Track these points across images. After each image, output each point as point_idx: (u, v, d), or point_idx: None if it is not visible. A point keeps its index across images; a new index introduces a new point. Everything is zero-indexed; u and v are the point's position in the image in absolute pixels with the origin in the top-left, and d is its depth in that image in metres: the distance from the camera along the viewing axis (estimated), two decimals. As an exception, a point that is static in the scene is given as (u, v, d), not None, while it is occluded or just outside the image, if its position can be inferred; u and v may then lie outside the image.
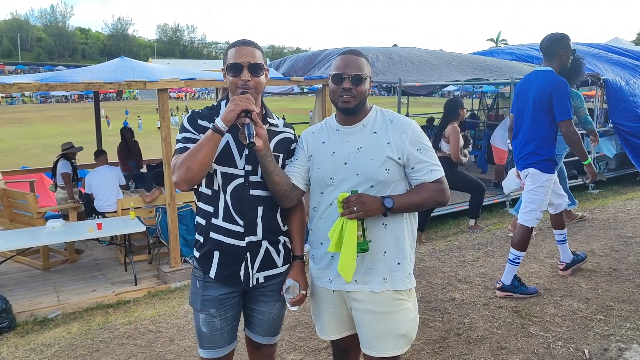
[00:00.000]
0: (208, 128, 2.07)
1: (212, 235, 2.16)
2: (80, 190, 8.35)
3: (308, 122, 16.01)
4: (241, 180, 2.14)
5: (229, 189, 2.14)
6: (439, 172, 2.12)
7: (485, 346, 3.39)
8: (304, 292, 2.22)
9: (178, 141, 2.15)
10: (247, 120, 1.99)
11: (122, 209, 7.02)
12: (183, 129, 2.15)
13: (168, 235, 6.46)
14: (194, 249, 2.25)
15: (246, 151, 2.13)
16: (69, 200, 7.65)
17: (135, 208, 6.83)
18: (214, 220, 2.16)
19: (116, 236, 6.83)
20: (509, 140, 6.07)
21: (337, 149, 2.15)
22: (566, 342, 3.39)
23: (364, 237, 2.03)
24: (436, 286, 4.42)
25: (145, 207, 7.12)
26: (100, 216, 7.36)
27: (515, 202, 9.21)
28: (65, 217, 7.49)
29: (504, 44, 68.30)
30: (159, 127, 33.55)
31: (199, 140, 2.04)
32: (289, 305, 2.23)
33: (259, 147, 2.02)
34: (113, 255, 7.34)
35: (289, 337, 3.68)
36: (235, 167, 2.13)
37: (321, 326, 2.34)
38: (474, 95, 17.13)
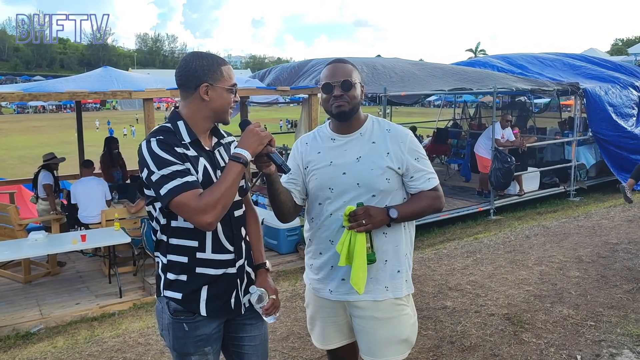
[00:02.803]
0: (188, 155, 1.89)
1: (200, 270, 1.95)
2: (62, 202, 8.20)
3: (292, 132, 16.03)
4: None
5: None
6: (435, 180, 2.15)
7: (478, 354, 3.39)
8: (273, 297, 2.10)
9: (165, 177, 1.81)
10: (273, 149, 1.92)
11: (107, 220, 6.91)
12: (165, 162, 1.82)
13: (153, 247, 6.36)
14: (169, 291, 1.97)
15: (219, 172, 1.96)
16: (51, 212, 7.50)
17: (119, 219, 6.73)
18: (200, 255, 1.95)
19: (100, 248, 6.71)
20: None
21: (335, 159, 2.13)
22: (558, 348, 3.41)
23: (372, 248, 2.04)
24: (427, 294, 4.42)
25: (130, 218, 7.02)
26: (83, 227, 7.23)
27: (500, 209, 9.32)
28: (47, 229, 7.34)
29: (483, 54, 69.29)
30: (125, 135, 34.50)
31: (189, 169, 1.85)
32: (265, 318, 2.11)
33: (272, 170, 1.96)
34: (96, 267, 7.20)
35: (282, 347, 3.64)
36: None
37: (319, 335, 2.32)
38: (455, 105, 17.31)
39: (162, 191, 1.82)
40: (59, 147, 19.51)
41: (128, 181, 9.24)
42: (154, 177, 1.83)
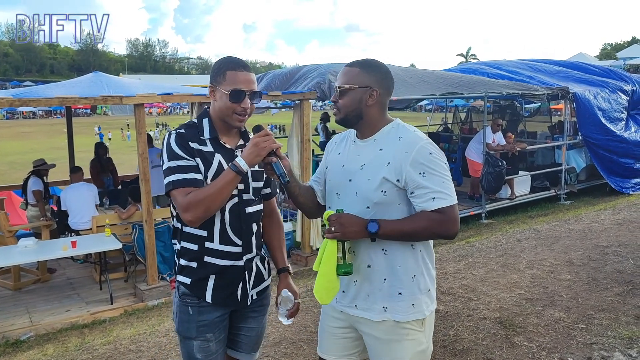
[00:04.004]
0: (202, 151, 2.02)
1: (208, 259, 2.08)
2: (52, 208, 8.14)
3: (283, 137, 15.98)
4: (236, 200, 2.09)
5: (226, 210, 2.07)
6: (443, 201, 1.86)
7: (471, 358, 3.39)
8: (298, 301, 2.21)
9: (171, 169, 1.99)
10: (275, 159, 1.95)
11: (98, 226, 6.87)
12: (174, 155, 1.99)
13: (145, 252, 6.34)
14: (181, 275, 2.12)
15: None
16: (41, 218, 7.44)
17: (111, 225, 6.69)
18: (208, 245, 2.07)
19: (90, 254, 6.67)
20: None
21: (347, 163, 2.04)
22: (550, 351, 3.42)
23: (344, 259, 1.91)
24: (419, 299, 4.42)
25: (121, 224, 6.98)
26: (73, 234, 7.18)
27: (491, 213, 9.37)
28: (37, 235, 7.29)
29: (474, 59, 69.69)
30: (110, 139, 35.25)
31: (195, 165, 1.98)
32: (284, 320, 2.20)
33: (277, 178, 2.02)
34: (87, 273, 7.16)
35: (274, 353, 3.63)
36: None
37: (321, 343, 2.25)
38: (446, 109, 17.39)
39: (165, 182, 2.00)
40: (49, 153, 19.39)
41: (119, 187, 9.20)
42: (164, 167, 2.02)
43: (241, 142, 2.16)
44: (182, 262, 2.11)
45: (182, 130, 2.05)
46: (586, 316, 3.91)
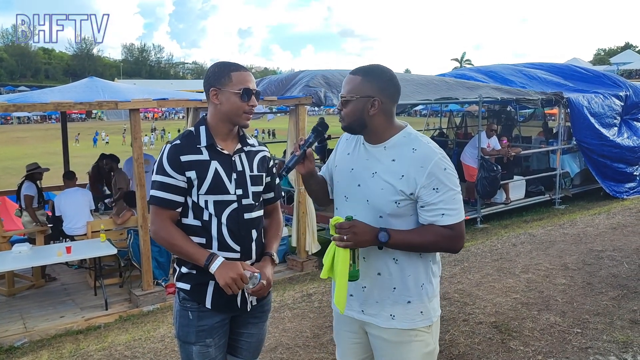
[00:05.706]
0: (197, 161, 2.05)
1: None
2: (47, 214, 8.10)
3: (277, 142, 16.04)
4: (235, 205, 2.11)
5: (224, 216, 2.09)
6: (453, 218, 1.88)
7: (467, 362, 3.40)
8: (264, 282, 2.11)
9: (155, 182, 2.07)
10: (298, 152, 2.02)
11: (93, 232, 6.84)
12: (162, 171, 2.06)
13: (140, 258, 6.31)
14: (180, 282, 2.15)
15: (234, 175, 2.12)
16: (33, 224, 7.40)
17: (105, 230, 6.67)
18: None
19: (85, 260, 6.64)
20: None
21: (356, 167, 2.01)
22: (546, 356, 3.43)
23: (354, 265, 1.92)
24: (415, 303, 4.42)
25: (116, 229, 6.96)
26: (68, 239, 7.14)
27: (486, 218, 9.39)
28: (32, 241, 7.25)
29: (468, 64, 69.96)
30: (107, 143, 34.49)
31: (178, 186, 2.05)
32: (247, 294, 2.16)
33: (301, 171, 2.09)
34: (82, 279, 7.13)
35: (270, 358, 3.62)
36: (228, 193, 2.10)
37: (338, 349, 2.25)
38: (442, 114, 17.44)
39: (150, 193, 2.11)
40: (44, 158, 19.25)
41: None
42: (152, 178, 2.11)
43: (239, 146, 2.17)
44: (184, 269, 2.14)
45: (178, 142, 2.10)
46: (581, 320, 3.92)
